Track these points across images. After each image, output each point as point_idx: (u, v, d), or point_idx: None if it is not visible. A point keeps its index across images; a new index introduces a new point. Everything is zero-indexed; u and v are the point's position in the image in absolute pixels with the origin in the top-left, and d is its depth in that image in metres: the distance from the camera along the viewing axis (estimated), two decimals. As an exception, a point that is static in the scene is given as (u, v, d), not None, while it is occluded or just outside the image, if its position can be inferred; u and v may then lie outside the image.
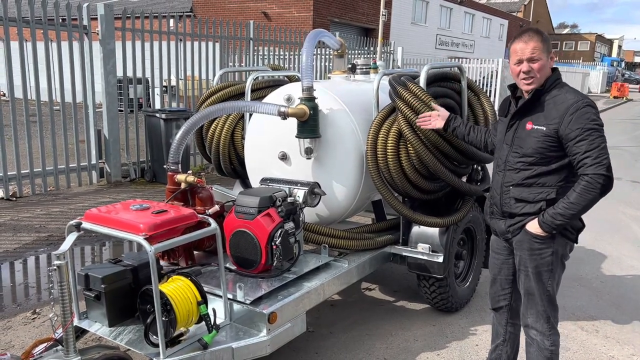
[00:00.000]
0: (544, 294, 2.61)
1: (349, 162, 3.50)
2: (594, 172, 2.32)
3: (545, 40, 2.46)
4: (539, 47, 2.43)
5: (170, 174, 3.16)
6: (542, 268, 2.57)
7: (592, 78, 40.64)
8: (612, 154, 2.43)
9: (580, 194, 2.36)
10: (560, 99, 2.44)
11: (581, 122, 2.35)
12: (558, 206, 2.42)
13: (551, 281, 2.60)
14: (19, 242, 5.22)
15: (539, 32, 2.49)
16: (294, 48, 11.12)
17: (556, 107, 2.43)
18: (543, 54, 2.44)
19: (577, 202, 2.37)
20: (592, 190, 2.34)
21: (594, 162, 2.32)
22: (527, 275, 2.63)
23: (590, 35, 68.79)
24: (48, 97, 6.99)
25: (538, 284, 2.60)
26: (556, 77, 2.50)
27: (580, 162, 2.37)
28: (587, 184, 2.34)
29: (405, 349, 3.46)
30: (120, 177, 7.83)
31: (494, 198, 2.70)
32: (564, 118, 2.38)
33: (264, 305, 2.73)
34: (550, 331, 2.65)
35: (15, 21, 6.44)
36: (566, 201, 2.40)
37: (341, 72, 4.27)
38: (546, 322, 2.64)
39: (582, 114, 2.36)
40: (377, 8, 21.45)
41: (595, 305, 4.23)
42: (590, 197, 2.35)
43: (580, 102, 2.39)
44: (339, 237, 3.46)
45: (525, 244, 2.58)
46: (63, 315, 2.32)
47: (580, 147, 2.35)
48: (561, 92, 2.47)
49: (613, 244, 5.75)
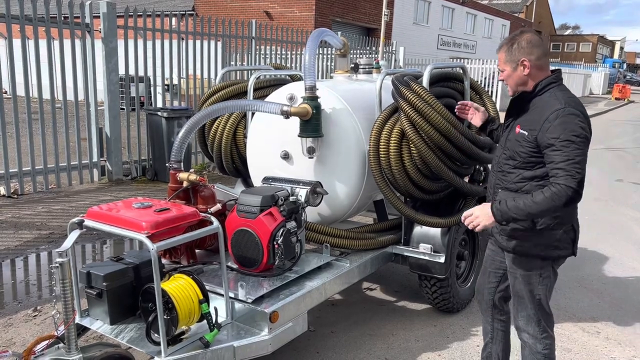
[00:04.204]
0: (533, 298, 2.57)
1: (351, 161, 3.49)
2: (565, 183, 2.23)
3: (510, 50, 2.47)
4: (502, 58, 2.51)
5: (172, 172, 3.16)
6: (531, 272, 2.55)
7: (593, 79, 40.59)
8: (613, 156, 2.43)
9: (546, 199, 2.26)
10: (546, 104, 2.39)
11: (559, 131, 2.28)
12: (519, 200, 2.33)
13: (541, 286, 2.55)
14: (20, 239, 5.22)
15: (510, 40, 2.49)
16: (296, 47, 11.11)
17: (541, 112, 2.38)
18: (505, 65, 2.49)
19: (539, 204, 2.27)
20: (557, 200, 2.24)
21: (566, 174, 2.24)
22: (515, 278, 2.60)
23: (592, 37, 68.73)
24: (50, 95, 6.98)
25: (527, 287, 2.57)
26: (549, 80, 2.44)
27: (552, 172, 2.30)
28: (556, 192, 2.24)
29: (406, 349, 3.46)
30: (121, 176, 7.83)
31: (488, 198, 2.72)
32: (543, 125, 2.32)
33: (265, 305, 2.73)
34: (542, 334, 2.59)
35: (17, 19, 6.44)
36: (530, 199, 2.30)
37: (344, 71, 4.27)
38: (537, 326, 2.59)
39: (562, 123, 2.28)
40: (379, 8, 21.44)
41: (597, 307, 4.23)
42: (554, 205, 2.26)
43: (563, 109, 2.31)
44: (340, 237, 3.46)
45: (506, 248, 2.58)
46: (65, 312, 2.32)
47: (555, 157, 2.28)
48: (551, 96, 2.40)
49: (614, 245, 5.75)
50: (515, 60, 2.46)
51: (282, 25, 10.99)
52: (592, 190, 8.54)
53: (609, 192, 8.44)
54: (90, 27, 7.27)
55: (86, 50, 7.26)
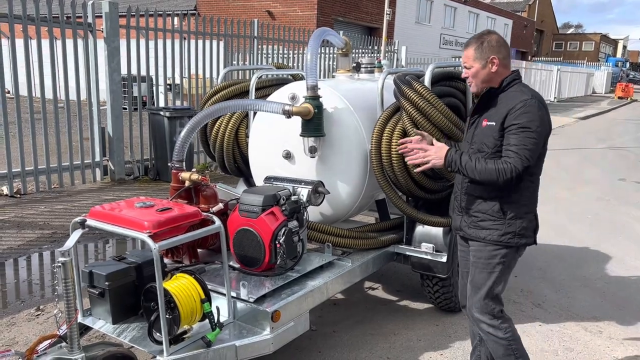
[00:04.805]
0: (491, 289, 2.62)
1: (353, 161, 3.49)
2: (514, 164, 2.38)
3: (480, 48, 2.53)
4: (470, 55, 2.56)
5: (174, 171, 3.16)
6: (493, 260, 2.60)
7: (596, 78, 40.52)
8: (616, 155, 2.45)
9: (494, 170, 2.41)
10: (512, 97, 2.50)
11: (521, 118, 2.41)
12: (474, 159, 2.48)
13: (501, 277, 2.61)
14: (23, 238, 5.24)
15: (478, 38, 2.57)
16: (298, 47, 11.11)
17: (507, 103, 2.49)
18: (475, 62, 2.54)
19: (486, 172, 2.42)
20: (501, 176, 2.40)
21: (517, 157, 2.38)
22: (477, 268, 2.66)
23: (595, 36, 68.57)
24: (52, 95, 7.00)
25: (487, 277, 2.62)
26: (513, 77, 2.57)
27: (505, 152, 2.44)
28: (503, 169, 2.39)
29: (408, 349, 3.46)
30: (124, 175, 7.84)
31: (455, 193, 2.76)
32: (510, 113, 2.45)
33: (267, 304, 2.73)
34: (499, 321, 2.64)
35: (20, 19, 6.45)
36: (482, 163, 2.44)
37: (346, 70, 4.27)
38: (491, 315, 2.64)
39: (526, 112, 2.42)
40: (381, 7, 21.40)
41: (599, 306, 4.22)
42: (496, 178, 2.41)
43: (530, 99, 2.45)
44: (342, 236, 3.46)
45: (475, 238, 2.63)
46: (67, 312, 2.32)
47: (511, 139, 2.43)
48: (517, 91, 2.53)
49: (617, 244, 5.74)
50: (485, 58, 2.54)
51: (284, 25, 11.00)
52: (595, 189, 8.53)
53: (612, 191, 8.42)
54: (92, 26, 7.29)
55: (88, 50, 7.27)
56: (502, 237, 2.55)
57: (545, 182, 2.83)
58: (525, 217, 2.56)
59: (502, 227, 2.55)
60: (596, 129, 17.43)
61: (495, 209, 2.55)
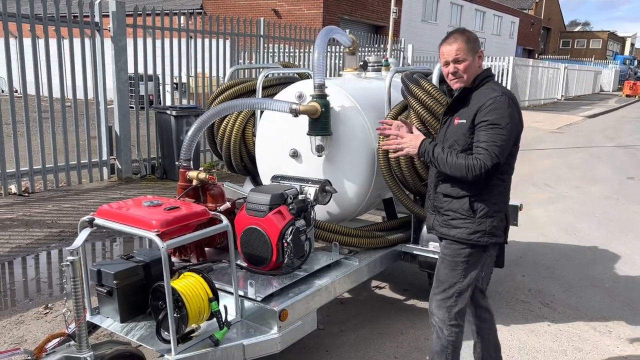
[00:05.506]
0: (453, 286, 2.60)
1: (360, 159, 3.48)
2: (484, 161, 2.36)
3: (469, 41, 2.52)
4: (462, 48, 2.50)
5: (182, 170, 3.16)
6: (457, 259, 2.58)
7: (604, 76, 40.27)
8: (624, 153, 2.43)
9: (464, 166, 2.39)
10: (484, 94, 2.48)
11: (491, 114, 2.40)
12: (446, 152, 2.46)
13: (465, 273, 2.59)
14: (31, 237, 5.27)
15: (463, 32, 2.55)
16: (304, 45, 11.10)
17: (478, 101, 2.48)
18: (468, 55, 2.50)
19: (457, 167, 2.41)
20: (470, 172, 2.38)
21: (487, 153, 2.37)
22: (442, 262, 2.65)
23: (603, 33, 68.10)
24: (60, 94, 7.03)
25: (450, 273, 2.61)
26: (485, 75, 2.55)
27: (476, 149, 2.42)
28: (473, 165, 2.37)
29: (415, 348, 3.44)
30: (131, 174, 7.87)
31: (429, 192, 2.76)
32: (480, 110, 2.43)
33: (274, 303, 2.73)
34: (450, 321, 2.63)
35: (28, 18, 6.48)
36: (454, 157, 2.43)
37: (353, 69, 4.25)
38: (447, 312, 2.63)
39: (496, 108, 2.40)
40: (387, 5, 21.38)
41: (608, 306, 4.19)
42: (465, 174, 2.40)
43: (500, 96, 2.43)
44: (349, 235, 3.45)
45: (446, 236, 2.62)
46: (76, 310, 2.33)
47: (480, 136, 2.41)
48: (489, 87, 2.51)
49: (626, 243, 5.69)
50: (476, 51, 2.54)
51: (290, 23, 10.99)
52: (603, 188, 8.48)
53: (620, 190, 8.36)
54: (99, 26, 7.32)
55: (96, 49, 7.30)
56: (472, 235, 2.53)
57: (553, 181, 2.80)
58: (495, 215, 2.54)
59: (473, 225, 2.53)
60: (604, 127, 17.31)
61: (465, 207, 2.53)
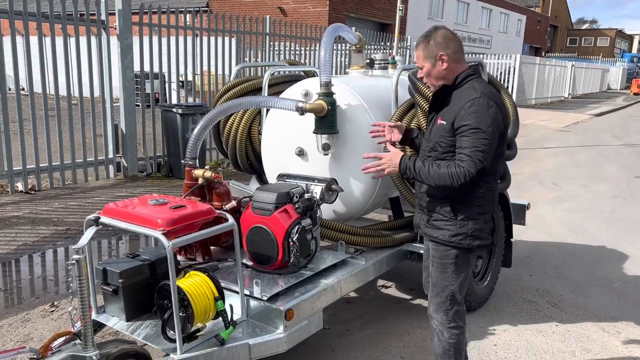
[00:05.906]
0: (445, 288, 2.59)
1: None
2: (467, 168, 2.33)
3: (426, 47, 2.49)
4: (419, 55, 2.53)
5: (187, 169, 3.15)
6: (446, 261, 2.57)
7: (611, 74, 39.99)
8: (632, 152, 2.39)
9: (448, 175, 2.37)
10: (464, 94, 2.44)
11: (471, 118, 2.35)
12: (427, 165, 2.45)
13: (455, 276, 2.58)
14: (38, 235, 5.28)
15: (426, 37, 2.52)
16: (310, 43, 11.08)
17: (459, 102, 2.44)
18: (425, 61, 2.50)
19: (440, 177, 2.39)
20: (455, 180, 2.35)
21: (470, 160, 2.33)
22: (433, 265, 2.65)
23: (610, 31, 67.65)
24: (66, 92, 7.04)
25: (441, 276, 2.60)
26: (468, 73, 2.51)
27: (459, 155, 2.38)
28: (457, 173, 2.34)
29: (422, 348, 3.42)
30: (136, 172, 7.88)
31: (416, 190, 2.75)
32: (459, 112, 2.40)
33: (280, 302, 2.71)
34: (449, 324, 2.62)
35: (34, 16, 6.50)
36: (435, 169, 2.41)
37: (359, 67, 4.23)
38: (445, 315, 2.62)
39: (475, 111, 2.36)
40: (393, 3, 21.31)
41: (617, 306, 4.15)
42: (450, 183, 2.37)
43: (478, 98, 2.38)
44: (356, 234, 3.43)
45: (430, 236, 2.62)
46: (81, 309, 2.33)
47: (462, 142, 2.37)
48: (469, 87, 2.47)
49: (634, 243, 5.64)
50: (434, 56, 2.48)
51: (295, 21, 10.97)
52: (611, 187, 8.41)
53: (628, 189, 8.29)
54: (105, 24, 7.32)
55: (102, 47, 7.31)
56: (454, 237, 2.52)
57: (560, 179, 2.77)
58: (478, 218, 2.51)
59: (454, 227, 2.51)
60: (611, 125, 17.18)
61: (446, 210, 2.52)
